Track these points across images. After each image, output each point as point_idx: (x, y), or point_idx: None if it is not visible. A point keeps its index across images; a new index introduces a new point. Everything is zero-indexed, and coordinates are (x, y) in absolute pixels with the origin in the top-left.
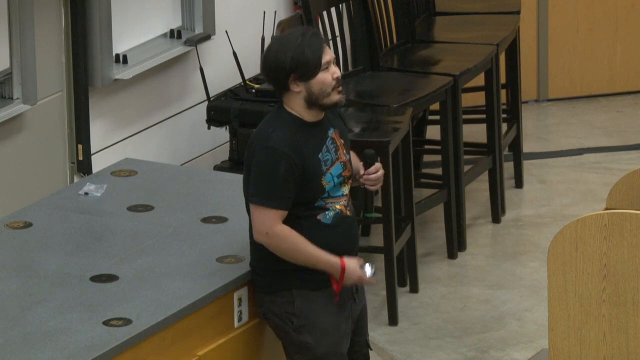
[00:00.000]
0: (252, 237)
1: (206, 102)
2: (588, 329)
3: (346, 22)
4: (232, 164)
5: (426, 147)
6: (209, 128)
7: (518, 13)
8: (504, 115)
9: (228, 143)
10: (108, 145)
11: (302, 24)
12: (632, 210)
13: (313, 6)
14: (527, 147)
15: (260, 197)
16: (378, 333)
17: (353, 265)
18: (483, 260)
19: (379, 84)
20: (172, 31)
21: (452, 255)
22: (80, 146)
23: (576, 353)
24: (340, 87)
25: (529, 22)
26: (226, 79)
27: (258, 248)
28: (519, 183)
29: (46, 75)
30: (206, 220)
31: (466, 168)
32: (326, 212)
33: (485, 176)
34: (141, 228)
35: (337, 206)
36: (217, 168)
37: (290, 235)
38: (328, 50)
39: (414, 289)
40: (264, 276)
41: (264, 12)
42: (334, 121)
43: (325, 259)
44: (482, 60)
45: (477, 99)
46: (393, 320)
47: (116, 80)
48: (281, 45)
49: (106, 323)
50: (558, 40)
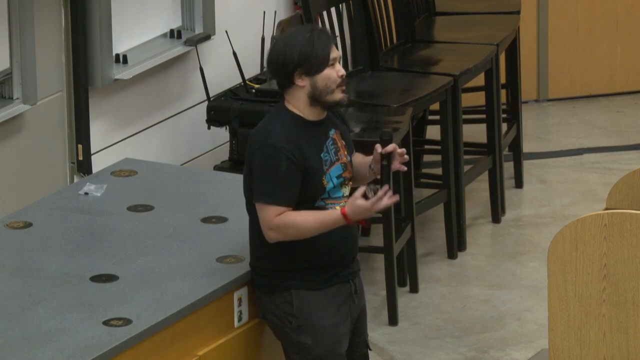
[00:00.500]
0: (252, 237)
1: (206, 102)
2: (588, 329)
3: (346, 22)
4: (232, 164)
5: (426, 147)
6: (209, 128)
7: (518, 13)
8: (504, 115)
9: (228, 143)
10: (108, 145)
11: (302, 24)
12: (632, 210)
13: (313, 6)
14: (527, 147)
15: (264, 196)
16: (378, 333)
17: (351, 208)
18: (483, 260)
19: (379, 84)
20: (172, 31)
21: (452, 255)
22: (80, 146)
23: (576, 353)
24: (344, 86)
25: (529, 22)
26: (226, 79)
27: (258, 248)
28: (519, 183)
29: (46, 75)
30: (206, 220)
31: (466, 168)
32: None
33: (485, 176)
34: (141, 228)
35: (337, 207)
36: (217, 168)
37: (289, 218)
38: (334, 47)
39: (414, 289)
40: (264, 276)
41: (264, 12)
42: (336, 122)
43: (331, 222)
44: (482, 60)
45: (477, 99)
46: (393, 320)
47: (116, 80)
48: (290, 39)
49: (106, 323)
50: (558, 40)
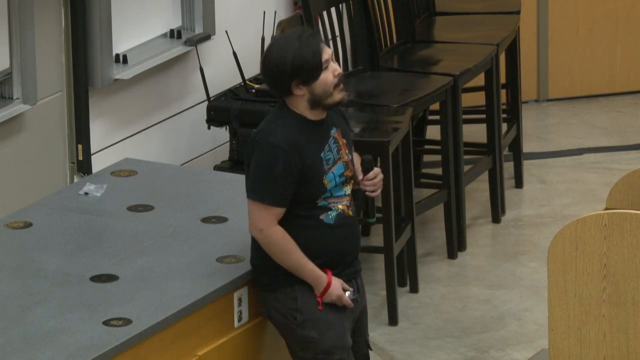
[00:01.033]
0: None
1: (206, 102)
2: (588, 329)
3: (346, 22)
4: (232, 164)
5: (426, 147)
6: (209, 128)
7: (518, 13)
8: (504, 115)
9: (228, 143)
10: (108, 145)
11: (302, 24)
12: (632, 210)
13: (313, 6)
14: (527, 147)
15: (257, 193)
16: (378, 333)
17: (337, 284)
18: (483, 260)
19: (379, 84)
20: (172, 31)
21: (452, 255)
22: (80, 146)
23: (576, 353)
24: (342, 85)
25: (529, 22)
26: (226, 79)
27: (259, 247)
28: (519, 183)
29: (46, 75)
30: (206, 220)
31: (466, 168)
32: (329, 212)
33: (485, 176)
34: (141, 228)
35: (340, 206)
36: (217, 168)
37: (283, 237)
38: (326, 47)
39: (414, 289)
40: (266, 274)
41: (264, 12)
42: (337, 121)
43: (310, 269)
44: (482, 60)
45: (477, 99)
46: (393, 320)
47: (116, 80)
48: (280, 50)
49: (106, 323)
50: (558, 40)
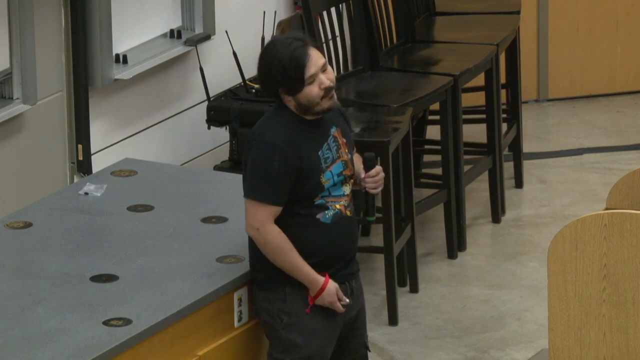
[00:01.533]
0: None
1: (206, 102)
2: (588, 329)
3: (346, 22)
4: (232, 164)
5: (426, 147)
6: (209, 128)
7: (518, 13)
8: (504, 115)
9: (228, 143)
10: (108, 145)
11: (302, 24)
12: (632, 210)
13: (313, 6)
14: (527, 147)
15: (253, 192)
16: (378, 333)
17: (332, 288)
18: (483, 260)
19: (379, 84)
20: (172, 31)
21: (452, 255)
22: (80, 146)
23: (576, 353)
24: (330, 94)
25: (529, 22)
26: (226, 79)
27: (255, 245)
28: (519, 183)
29: (46, 75)
30: (206, 220)
31: (466, 168)
32: (326, 212)
33: (485, 176)
34: (141, 228)
35: (337, 206)
36: (217, 168)
37: (279, 237)
38: (315, 59)
39: (414, 289)
40: (260, 272)
41: (264, 12)
42: (337, 120)
43: (306, 272)
44: (482, 60)
45: (477, 99)
46: (393, 320)
47: (116, 80)
48: (268, 58)
49: (106, 323)
50: (558, 40)
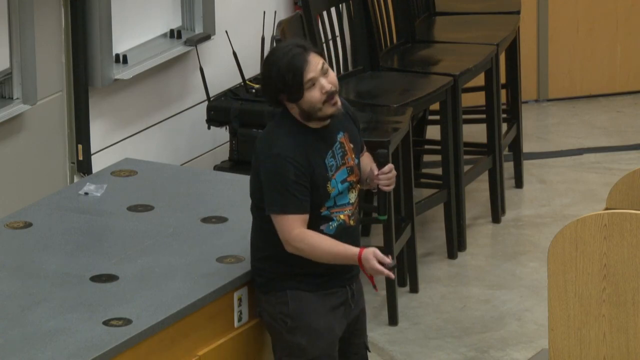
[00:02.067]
0: (253, 239)
1: (206, 102)
2: (588, 329)
3: (346, 22)
4: (232, 164)
5: (426, 147)
6: (209, 128)
7: (518, 13)
8: (504, 115)
9: (228, 143)
10: (108, 145)
11: (302, 24)
12: (632, 210)
13: (313, 6)
14: (527, 147)
15: (277, 206)
16: (378, 333)
17: (367, 254)
18: (483, 260)
19: (379, 84)
20: (172, 31)
21: (452, 255)
22: (80, 146)
23: (576, 353)
24: (333, 99)
25: (529, 22)
26: (226, 79)
27: (258, 250)
28: (519, 183)
29: (46, 75)
30: (206, 220)
31: (466, 168)
32: (330, 223)
33: (485, 176)
34: (141, 228)
35: (342, 216)
36: (217, 168)
37: (307, 237)
38: (314, 63)
39: (414, 289)
40: (262, 276)
41: (264, 12)
42: (345, 123)
43: (343, 255)
44: (482, 60)
45: (477, 99)
46: (393, 320)
47: (116, 80)
48: (269, 65)
49: (106, 323)
50: (558, 40)
